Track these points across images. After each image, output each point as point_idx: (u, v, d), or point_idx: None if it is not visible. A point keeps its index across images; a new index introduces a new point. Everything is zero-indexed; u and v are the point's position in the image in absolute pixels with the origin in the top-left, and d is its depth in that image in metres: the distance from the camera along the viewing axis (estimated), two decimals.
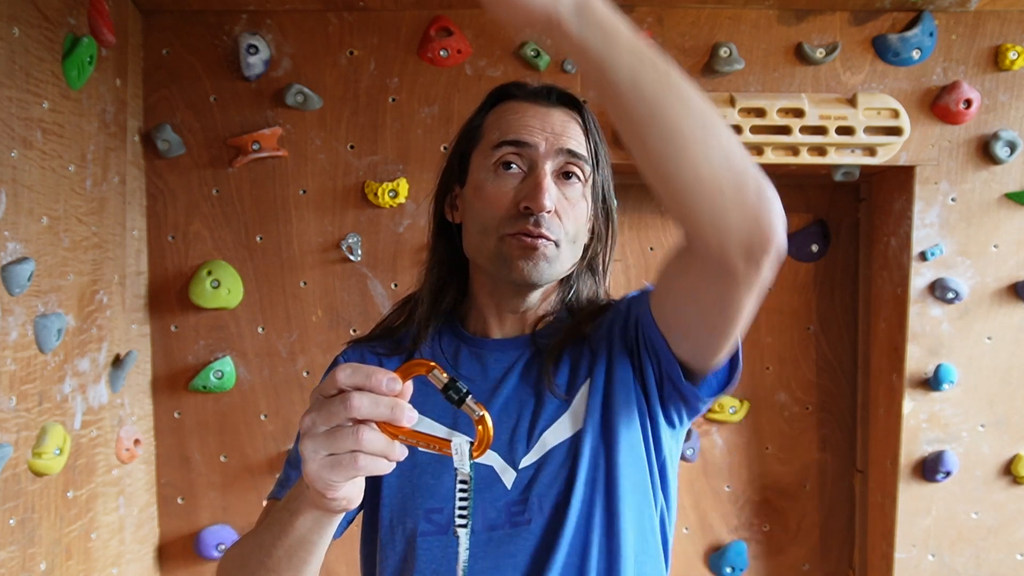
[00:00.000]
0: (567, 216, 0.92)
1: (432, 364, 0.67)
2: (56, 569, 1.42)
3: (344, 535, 1.00)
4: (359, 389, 0.64)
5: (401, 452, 0.66)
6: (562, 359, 0.94)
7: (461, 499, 0.69)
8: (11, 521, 1.28)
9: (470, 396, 0.67)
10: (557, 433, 0.91)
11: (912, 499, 1.85)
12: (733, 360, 0.86)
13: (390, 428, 0.65)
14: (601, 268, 1.01)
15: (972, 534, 1.86)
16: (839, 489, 2.08)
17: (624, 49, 0.65)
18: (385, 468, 0.66)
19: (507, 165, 0.92)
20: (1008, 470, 1.85)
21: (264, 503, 1.12)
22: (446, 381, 0.67)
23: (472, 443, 0.67)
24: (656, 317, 0.86)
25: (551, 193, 0.90)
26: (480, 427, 0.67)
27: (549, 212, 0.90)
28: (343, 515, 0.75)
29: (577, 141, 0.94)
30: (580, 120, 0.96)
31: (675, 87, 0.66)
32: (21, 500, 1.31)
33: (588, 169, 0.95)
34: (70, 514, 1.47)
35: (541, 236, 0.90)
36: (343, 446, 0.64)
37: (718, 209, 0.67)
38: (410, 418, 0.65)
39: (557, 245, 0.92)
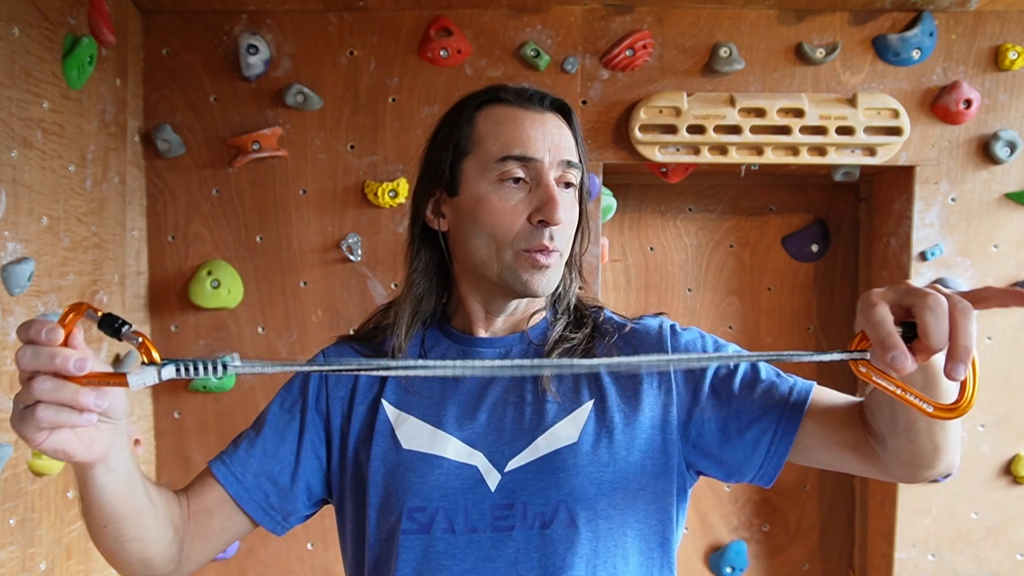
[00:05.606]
0: (568, 225, 0.94)
1: (84, 304, 0.69)
2: (56, 569, 1.42)
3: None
4: (30, 343, 0.66)
5: (94, 401, 0.67)
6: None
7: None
8: (11, 521, 1.28)
9: (127, 326, 0.69)
10: (551, 440, 0.90)
11: (912, 499, 1.85)
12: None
13: (73, 377, 0.67)
14: (576, 262, 1.02)
15: (972, 534, 1.86)
16: (839, 489, 2.08)
17: None
18: (81, 420, 0.68)
19: (515, 180, 0.91)
20: (1008, 470, 1.84)
21: None
22: (100, 317, 0.69)
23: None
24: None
25: (564, 205, 0.91)
26: (141, 350, 0.69)
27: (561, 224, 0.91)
28: (109, 471, 0.77)
29: (570, 149, 0.94)
30: (569, 125, 0.96)
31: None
32: (21, 500, 1.31)
33: (579, 175, 0.95)
34: (70, 514, 1.47)
35: (555, 251, 0.91)
36: (25, 399, 0.67)
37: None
38: (78, 366, 0.66)
39: (561, 255, 0.93)
